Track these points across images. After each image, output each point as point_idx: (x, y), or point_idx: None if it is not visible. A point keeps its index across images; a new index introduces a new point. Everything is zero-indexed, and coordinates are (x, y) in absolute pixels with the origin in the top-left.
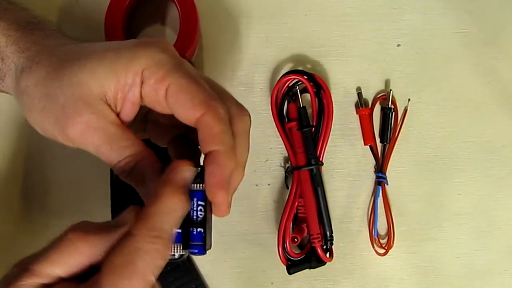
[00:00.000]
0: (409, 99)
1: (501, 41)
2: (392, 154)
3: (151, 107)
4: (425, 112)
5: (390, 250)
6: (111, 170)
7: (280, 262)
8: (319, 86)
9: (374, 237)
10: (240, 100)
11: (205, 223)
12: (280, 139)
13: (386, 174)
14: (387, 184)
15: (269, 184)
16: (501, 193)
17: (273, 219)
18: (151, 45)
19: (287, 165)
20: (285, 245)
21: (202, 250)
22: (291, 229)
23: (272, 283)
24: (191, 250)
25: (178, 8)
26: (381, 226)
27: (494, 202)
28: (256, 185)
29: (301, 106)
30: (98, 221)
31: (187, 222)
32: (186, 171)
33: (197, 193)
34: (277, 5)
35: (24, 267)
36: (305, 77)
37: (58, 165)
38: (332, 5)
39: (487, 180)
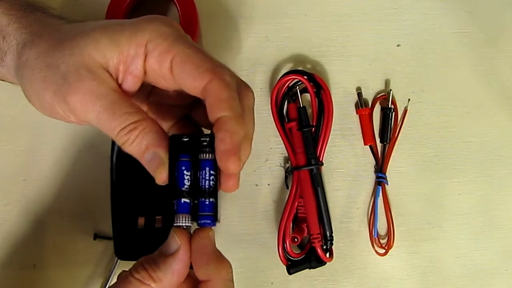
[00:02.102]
0: (409, 99)
1: (501, 41)
2: (392, 154)
3: (154, 83)
4: (425, 112)
5: (390, 250)
6: (111, 171)
7: (280, 262)
8: (319, 86)
9: (374, 237)
10: None
11: (216, 193)
12: (280, 139)
13: (386, 174)
14: (387, 184)
15: (269, 184)
16: (501, 193)
17: (273, 219)
18: (155, 19)
19: (287, 165)
20: (285, 245)
21: (213, 221)
22: (291, 229)
23: (272, 283)
24: (202, 221)
25: (178, 8)
26: (381, 226)
27: (494, 202)
28: (256, 185)
29: (301, 106)
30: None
31: (197, 192)
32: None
33: (207, 162)
34: (277, 5)
35: None
36: (305, 77)
37: (59, 165)
38: (332, 5)
39: (487, 180)
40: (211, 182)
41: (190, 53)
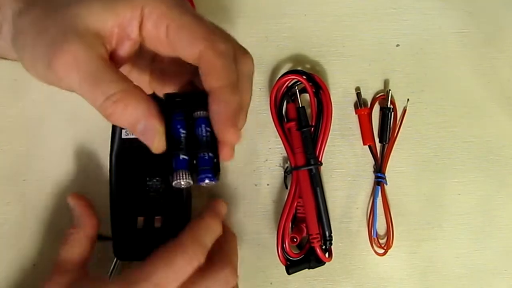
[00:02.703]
0: (408, 99)
1: (501, 41)
2: (391, 154)
3: (154, 49)
4: (425, 112)
5: (389, 250)
6: (110, 171)
7: (279, 262)
8: (318, 86)
9: (373, 237)
10: None
11: (215, 147)
12: (279, 139)
13: (385, 174)
14: (386, 184)
15: (268, 184)
16: (501, 193)
17: (272, 219)
18: None
19: (286, 165)
20: (284, 245)
21: (213, 177)
22: (290, 229)
23: (271, 283)
24: (202, 176)
25: None
26: (381, 226)
27: (494, 202)
28: (256, 185)
29: (300, 106)
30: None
31: (196, 147)
32: (222, 206)
33: (202, 119)
34: (277, 5)
35: None
36: (304, 77)
37: (59, 165)
38: (332, 5)
39: (487, 180)
40: (208, 138)
41: (185, 20)
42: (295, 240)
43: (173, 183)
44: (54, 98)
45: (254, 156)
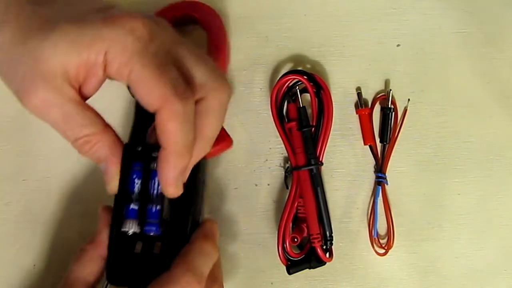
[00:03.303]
0: (409, 99)
1: (501, 41)
2: (392, 154)
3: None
4: (425, 112)
5: (390, 250)
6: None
7: (280, 262)
8: (319, 86)
9: (374, 237)
10: (240, 100)
11: (163, 201)
12: (280, 139)
13: (386, 174)
14: (387, 184)
15: (268, 184)
16: (501, 193)
17: (273, 219)
18: (116, 23)
19: (287, 165)
20: (285, 245)
21: (158, 230)
22: (290, 229)
23: (272, 283)
24: (146, 228)
25: (207, 32)
26: (381, 226)
27: (494, 202)
28: (256, 185)
29: (301, 106)
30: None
31: (146, 199)
32: (214, 226)
33: (156, 172)
34: (276, 5)
35: None
36: (305, 77)
37: (59, 165)
38: (332, 5)
39: (487, 180)
40: (159, 191)
41: (145, 74)
42: (295, 240)
43: (122, 230)
44: None
45: (254, 156)
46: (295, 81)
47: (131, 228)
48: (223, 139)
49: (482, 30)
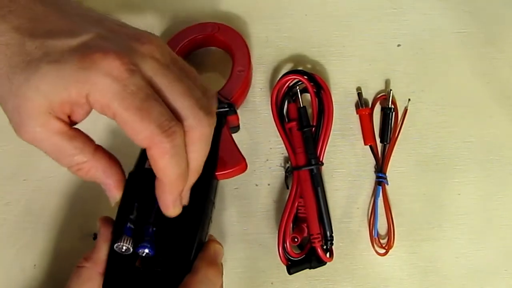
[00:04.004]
0: (409, 99)
1: (501, 41)
2: (392, 154)
3: None
4: (425, 112)
5: (390, 250)
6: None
7: (280, 262)
8: (319, 86)
9: (374, 237)
10: None
11: (160, 223)
12: (280, 139)
13: (386, 174)
14: (387, 184)
15: (269, 184)
16: (501, 193)
17: (273, 219)
18: (94, 66)
19: (287, 165)
20: (285, 245)
21: (151, 250)
22: (291, 229)
23: (272, 283)
24: (141, 247)
25: (233, 60)
26: (381, 226)
27: (494, 202)
28: (256, 185)
29: (301, 106)
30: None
31: (144, 219)
32: (217, 248)
33: None
34: (277, 5)
35: None
36: (305, 77)
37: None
38: (332, 5)
39: (487, 180)
40: (157, 214)
41: (127, 118)
42: (296, 240)
43: (115, 245)
44: None
45: (255, 156)
46: (295, 81)
47: (125, 243)
48: (238, 163)
49: (482, 30)
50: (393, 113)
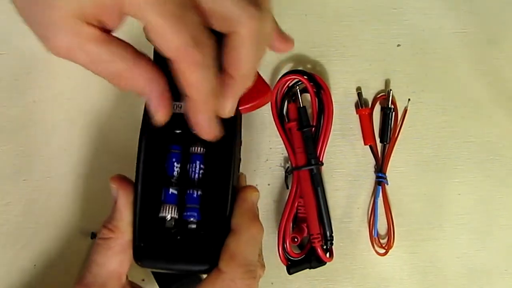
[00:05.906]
0: (409, 99)
1: (501, 41)
2: (392, 154)
3: None
4: (425, 112)
5: (390, 250)
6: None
7: (280, 262)
8: (319, 86)
9: (374, 237)
10: None
11: (205, 185)
12: (280, 139)
13: (386, 174)
14: (387, 184)
15: (269, 184)
16: (501, 193)
17: (273, 219)
18: None
19: (287, 165)
20: (285, 245)
21: (199, 214)
22: (291, 229)
23: (272, 283)
24: (187, 213)
25: None
26: (381, 226)
27: (494, 202)
28: (256, 185)
29: (301, 106)
30: None
31: (186, 183)
32: (254, 197)
33: (197, 156)
34: (277, 5)
35: None
36: (305, 77)
37: (59, 165)
38: (332, 5)
39: (487, 180)
40: (200, 176)
41: (159, 25)
42: (296, 240)
43: (159, 215)
44: (55, 98)
45: (254, 156)
46: (295, 81)
47: (170, 213)
48: (262, 92)
49: (482, 30)
50: (393, 113)
